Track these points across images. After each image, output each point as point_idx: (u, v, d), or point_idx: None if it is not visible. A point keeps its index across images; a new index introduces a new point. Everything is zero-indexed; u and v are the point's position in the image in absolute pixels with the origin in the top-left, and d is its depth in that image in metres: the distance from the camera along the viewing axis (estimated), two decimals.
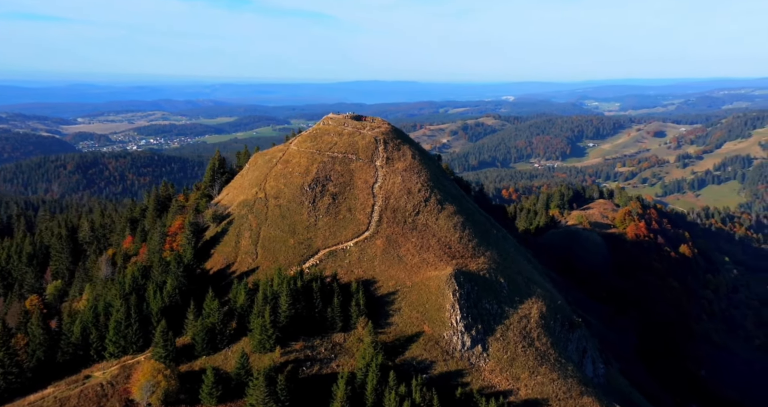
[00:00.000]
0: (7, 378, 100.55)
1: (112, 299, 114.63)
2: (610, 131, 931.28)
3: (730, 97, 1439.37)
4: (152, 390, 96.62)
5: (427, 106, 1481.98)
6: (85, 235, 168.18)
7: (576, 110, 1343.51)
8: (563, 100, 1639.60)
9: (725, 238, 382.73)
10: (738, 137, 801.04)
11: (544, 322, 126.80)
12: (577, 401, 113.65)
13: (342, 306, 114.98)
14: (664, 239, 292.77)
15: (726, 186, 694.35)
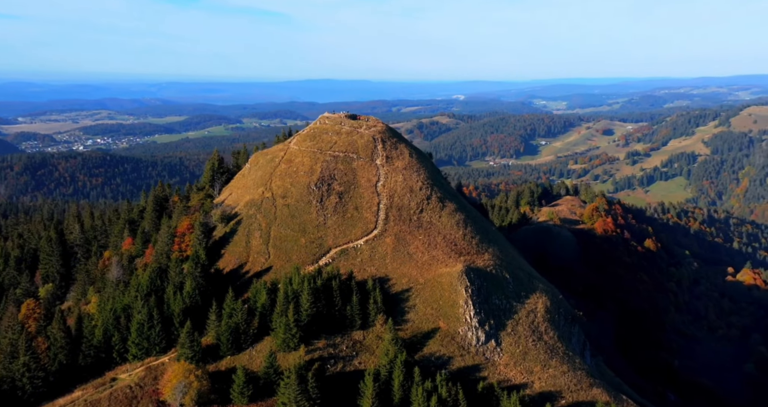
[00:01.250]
0: (33, 382, 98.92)
1: (130, 301, 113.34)
2: (561, 130, 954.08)
3: (671, 96, 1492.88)
4: (184, 390, 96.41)
5: (379, 105, 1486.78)
6: (75, 237, 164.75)
7: (526, 108, 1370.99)
8: (512, 99, 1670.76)
9: (682, 232, 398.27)
10: (682, 134, 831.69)
11: (549, 316, 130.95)
12: (587, 392, 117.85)
13: (360, 304, 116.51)
14: (630, 234, 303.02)
15: (673, 182, 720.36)
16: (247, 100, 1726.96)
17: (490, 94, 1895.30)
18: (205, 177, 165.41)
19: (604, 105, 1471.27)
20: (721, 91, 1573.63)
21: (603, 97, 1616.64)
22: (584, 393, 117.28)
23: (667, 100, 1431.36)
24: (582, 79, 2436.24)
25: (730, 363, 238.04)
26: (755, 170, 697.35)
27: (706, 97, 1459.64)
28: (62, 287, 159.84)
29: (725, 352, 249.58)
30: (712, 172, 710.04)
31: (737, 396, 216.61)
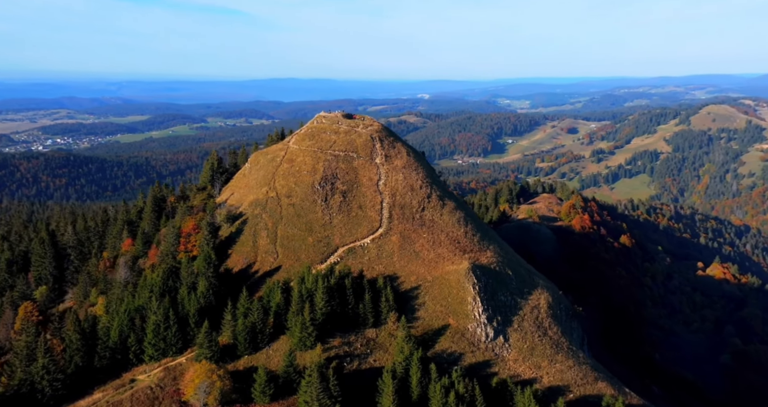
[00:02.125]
0: (53, 384, 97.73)
1: (144, 302, 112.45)
2: (526, 128, 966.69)
3: (631, 95, 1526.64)
4: (207, 390, 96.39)
5: (346, 104, 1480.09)
6: (69, 239, 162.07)
7: (490, 107, 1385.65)
8: (477, 98, 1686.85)
9: (652, 228, 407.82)
10: (645, 132, 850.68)
11: (552, 312, 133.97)
12: (593, 386, 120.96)
13: (372, 302, 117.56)
14: (606, 231, 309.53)
15: (637, 179, 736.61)
16: (211, 99, 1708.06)
17: (455, 93, 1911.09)
18: (204, 177, 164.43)
19: (566, 104, 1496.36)
20: (678, 90, 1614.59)
21: (565, 97, 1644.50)
22: (590, 387, 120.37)
23: (627, 99, 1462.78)
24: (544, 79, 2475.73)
25: (706, 355, 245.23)
26: (715, 167, 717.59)
27: (665, 96, 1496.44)
28: (55, 289, 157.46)
29: (701, 344, 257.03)
30: (674, 169, 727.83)
31: (716, 388, 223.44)
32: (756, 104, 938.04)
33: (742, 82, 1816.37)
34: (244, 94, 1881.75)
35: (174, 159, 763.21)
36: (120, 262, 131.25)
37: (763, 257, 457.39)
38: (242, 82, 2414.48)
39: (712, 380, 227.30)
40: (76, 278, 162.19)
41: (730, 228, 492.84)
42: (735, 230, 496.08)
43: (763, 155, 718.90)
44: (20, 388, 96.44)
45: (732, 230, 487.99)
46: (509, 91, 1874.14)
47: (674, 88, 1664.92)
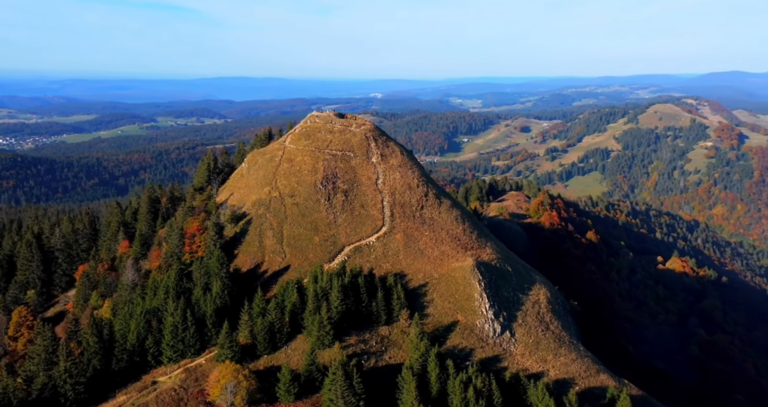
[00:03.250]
0: (75, 388, 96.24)
1: (159, 303, 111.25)
2: (481, 127, 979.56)
3: (578, 95, 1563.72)
4: (234, 390, 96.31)
5: (299, 103, 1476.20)
6: (56, 242, 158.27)
7: (443, 106, 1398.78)
8: (429, 98, 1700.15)
9: (611, 224, 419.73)
10: (595, 131, 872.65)
11: (551, 307, 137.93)
12: (596, 378, 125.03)
13: (385, 300, 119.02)
14: (573, 227, 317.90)
15: (590, 177, 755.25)
16: (160, 98, 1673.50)
17: (408, 92, 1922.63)
18: (199, 177, 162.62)
19: (517, 103, 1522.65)
20: (623, 90, 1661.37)
21: (515, 96, 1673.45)
22: (594, 379, 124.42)
23: (575, 99, 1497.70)
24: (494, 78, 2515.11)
25: (675, 346, 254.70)
26: (663, 165, 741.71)
27: (610, 95, 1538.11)
28: (43, 293, 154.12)
29: (668, 336, 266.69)
30: (624, 166, 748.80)
31: (686, 378, 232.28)
32: (698, 103, 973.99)
33: (682, 82, 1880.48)
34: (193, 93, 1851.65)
35: (127, 160, 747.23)
36: (127, 264, 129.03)
37: (713, 250, 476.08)
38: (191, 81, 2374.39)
39: (682, 370, 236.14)
40: (64, 282, 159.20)
41: (681, 223, 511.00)
42: (686, 225, 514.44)
43: (707, 153, 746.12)
44: (42, 392, 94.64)
45: (683, 225, 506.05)
46: (461, 91, 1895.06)
47: (619, 87, 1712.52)
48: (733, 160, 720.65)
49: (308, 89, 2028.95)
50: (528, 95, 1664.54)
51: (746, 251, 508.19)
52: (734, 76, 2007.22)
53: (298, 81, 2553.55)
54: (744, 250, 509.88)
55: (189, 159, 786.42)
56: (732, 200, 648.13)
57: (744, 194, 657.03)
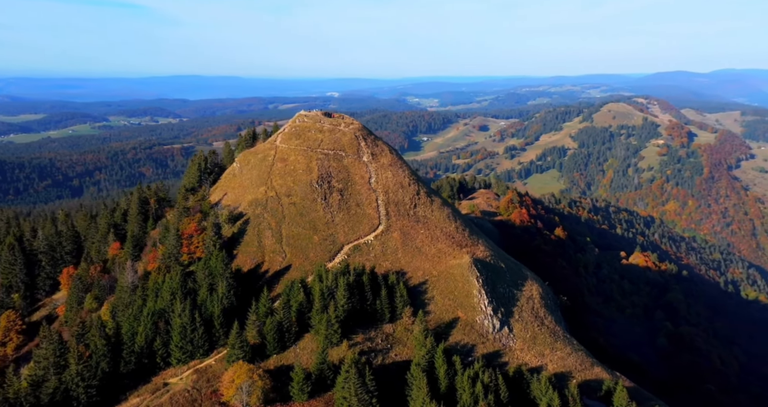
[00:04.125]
0: (88, 391, 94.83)
1: (165, 305, 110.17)
2: (440, 126, 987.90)
3: (533, 94, 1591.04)
4: (249, 390, 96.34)
5: (255, 102, 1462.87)
6: (39, 245, 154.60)
7: (401, 105, 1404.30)
8: (386, 97, 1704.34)
9: (574, 221, 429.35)
10: (552, 129, 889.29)
11: (544, 302, 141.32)
12: (591, 371, 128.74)
13: (388, 298, 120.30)
14: (542, 224, 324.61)
15: (548, 174, 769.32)
16: (111, 97, 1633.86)
17: (365, 91, 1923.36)
18: (190, 178, 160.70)
19: (473, 102, 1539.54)
20: (575, 89, 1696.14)
21: (471, 95, 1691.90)
22: (589, 372, 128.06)
23: (529, 98, 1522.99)
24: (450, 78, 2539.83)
25: (644, 339, 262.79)
26: (617, 162, 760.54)
27: (563, 94, 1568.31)
28: (27, 297, 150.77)
29: (637, 329, 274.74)
30: (581, 164, 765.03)
31: (657, 369, 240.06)
32: (648, 102, 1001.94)
33: (631, 82, 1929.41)
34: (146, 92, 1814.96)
35: (81, 160, 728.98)
36: (126, 266, 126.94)
37: (670, 245, 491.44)
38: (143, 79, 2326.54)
39: (652, 361, 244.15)
40: (48, 285, 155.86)
41: (639, 219, 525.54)
42: (643, 220, 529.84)
43: (659, 151, 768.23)
44: (54, 396, 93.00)
45: (641, 221, 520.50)
46: (418, 90, 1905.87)
47: (571, 87, 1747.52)
48: (684, 157, 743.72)
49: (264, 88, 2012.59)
50: (484, 94, 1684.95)
51: (699, 245, 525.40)
52: (680, 76, 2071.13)
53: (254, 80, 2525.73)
54: (697, 244, 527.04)
55: (146, 159, 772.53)
56: (684, 196, 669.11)
57: (695, 190, 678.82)
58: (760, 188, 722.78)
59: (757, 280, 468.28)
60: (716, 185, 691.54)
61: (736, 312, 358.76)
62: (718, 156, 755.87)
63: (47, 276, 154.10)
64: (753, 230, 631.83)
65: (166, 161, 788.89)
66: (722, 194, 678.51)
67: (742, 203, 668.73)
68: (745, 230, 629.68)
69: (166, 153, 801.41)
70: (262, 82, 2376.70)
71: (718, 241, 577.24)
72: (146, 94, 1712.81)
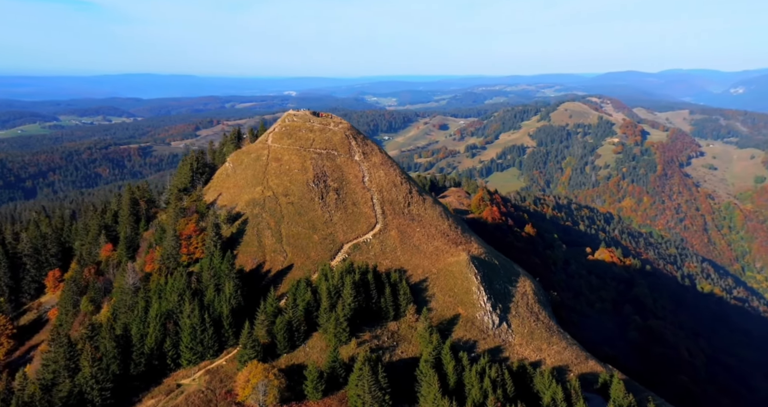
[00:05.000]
0: (102, 393, 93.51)
1: (173, 306, 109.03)
2: (401, 125, 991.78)
3: (489, 93, 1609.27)
4: (265, 390, 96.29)
5: (211, 101, 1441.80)
6: (23, 247, 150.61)
7: (360, 104, 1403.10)
8: (345, 96, 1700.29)
9: (540, 218, 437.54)
10: (511, 128, 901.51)
11: (537, 298, 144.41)
12: (586, 364, 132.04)
13: (392, 296, 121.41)
14: (512, 221, 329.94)
15: (508, 172, 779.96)
16: (61, 96, 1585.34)
17: (323, 90, 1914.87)
18: (182, 178, 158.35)
19: (431, 101, 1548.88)
20: (530, 88, 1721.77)
21: (429, 94, 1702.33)
22: (584, 366, 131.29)
23: (486, 97, 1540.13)
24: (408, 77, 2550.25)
25: (616, 333, 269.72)
26: (575, 160, 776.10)
27: (519, 93, 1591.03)
28: (12, 300, 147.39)
29: (608, 323, 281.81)
30: (539, 162, 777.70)
31: (630, 362, 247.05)
32: (601, 101, 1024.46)
33: (583, 81, 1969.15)
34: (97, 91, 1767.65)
35: (33, 161, 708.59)
36: (127, 268, 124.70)
37: (629, 241, 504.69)
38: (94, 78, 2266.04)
39: (625, 355, 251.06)
40: (33, 288, 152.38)
41: (599, 216, 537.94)
42: (603, 217, 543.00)
43: (615, 149, 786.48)
44: (69, 400, 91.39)
45: (601, 217, 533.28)
46: (376, 89, 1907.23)
47: (526, 86, 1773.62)
48: (638, 155, 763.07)
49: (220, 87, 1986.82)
50: (441, 93, 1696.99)
51: (656, 240, 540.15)
52: (631, 76, 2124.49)
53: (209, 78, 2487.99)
54: (654, 240, 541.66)
55: (103, 160, 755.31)
56: (639, 192, 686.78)
57: (649, 187, 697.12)
58: (710, 185, 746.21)
59: (710, 274, 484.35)
60: (669, 182, 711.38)
61: (696, 304, 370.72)
62: (670, 154, 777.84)
63: (32, 279, 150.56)
64: (704, 226, 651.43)
65: (123, 161, 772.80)
66: (675, 190, 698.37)
67: (694, 200, 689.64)
68: (697, 225, 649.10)
69: (123, 153, 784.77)
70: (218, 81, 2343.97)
71: (672, 236, 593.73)
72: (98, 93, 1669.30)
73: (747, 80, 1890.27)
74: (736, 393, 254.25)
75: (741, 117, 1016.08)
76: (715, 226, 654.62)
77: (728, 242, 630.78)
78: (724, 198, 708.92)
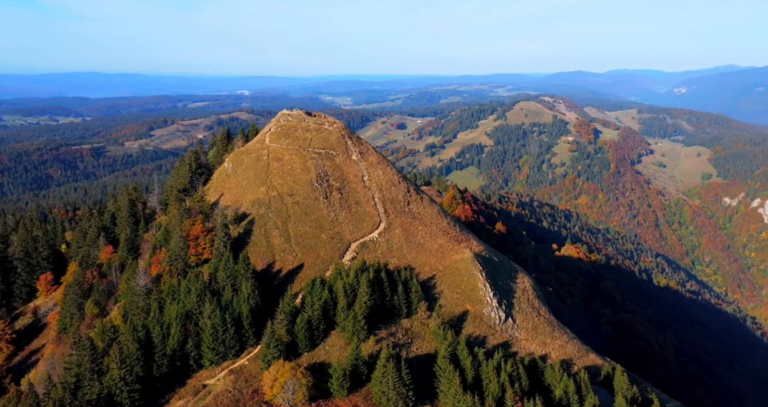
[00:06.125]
0: (131, 395, 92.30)
1: (192, 307, 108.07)
2: (359, 124, 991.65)
3: (443, 93, 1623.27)
4: (294, 389, 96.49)
5: (162, 100, 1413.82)
6: (14, 251, 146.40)
7: (315, 104, 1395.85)
8: (299, 95, 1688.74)
9: (506, 215, 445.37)
10: (468, 127, 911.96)
11: (536, 293, 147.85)
12: (587, 358, 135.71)
13: (405, 293, 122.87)
14: (484, 219, 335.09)
15: (467, 171, 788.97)
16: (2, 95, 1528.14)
17: (277, 89, 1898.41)
18: (181, 179, 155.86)
19: (387, 101, 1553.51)
20: (483, 88, 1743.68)
21: (384, 94, 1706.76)
22: (586, 359, 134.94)
23: (441, 96, 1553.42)
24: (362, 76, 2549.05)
25: (589, 327, 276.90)
26: (532, 159, 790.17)
27: (473, 93, 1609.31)
28: (3, 305, 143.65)
29: (581, 318, 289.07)
30: (498, 161, 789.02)
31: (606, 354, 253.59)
32: (554, 101, 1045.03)
33: (534, 81, 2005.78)
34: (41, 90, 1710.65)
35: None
36: (139, 269, 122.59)
37: (589, 237, 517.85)
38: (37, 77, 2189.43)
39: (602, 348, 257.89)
40: (25, 292, 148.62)
41: (559, 213, 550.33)
42: (563, 214, 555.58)
43: (570, 147, 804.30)
44: (98, 402, 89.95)
45: (561, 215, 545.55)
46: (330, 88, 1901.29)
47: (479, 86, 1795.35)
48: (592, 153, 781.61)
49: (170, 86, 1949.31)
50: (396, 93, 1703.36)
51: (613, 236, 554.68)
52: (579, 76, 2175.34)
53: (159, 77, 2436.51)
54: (611, 236, 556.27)
55: (54, 161, 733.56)
56: (594, 190, 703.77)
57: (604, 184, 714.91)
58: (660, 182, 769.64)
59: (665, 268, 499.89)
60: (622, 180, 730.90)
61: (658, 298, 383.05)
62: (622, 152, 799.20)
63: (24, 283, 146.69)
64: (656, 221, 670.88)
65: (76, 162, 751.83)
66: (628, 187, 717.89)
67: (646, 196, 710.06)
68: (649, 221, 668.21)
69: (75, 154, 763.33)
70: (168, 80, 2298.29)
71: (627, 232, 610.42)
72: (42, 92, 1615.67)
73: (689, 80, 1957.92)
74: (705, 382, 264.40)
75: (686, 116, 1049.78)
76: (666, 222, 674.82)
77: (679, 237, 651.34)
78: (673, 195, 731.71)
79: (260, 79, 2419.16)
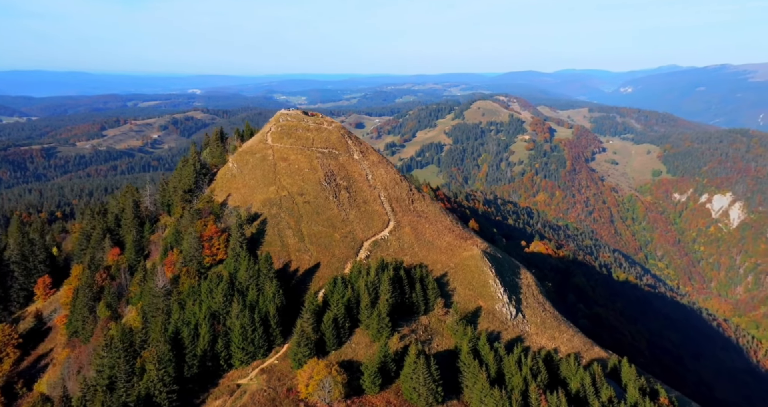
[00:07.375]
0: (169, 396, 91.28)
1: (219, 307, 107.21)
2: None
3: (398, 92, 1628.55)
4: (330, 387, 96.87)
5: (111, 99, 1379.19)
6: (11, 254, 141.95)
7: (269, 103, 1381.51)
8: (253, 94, 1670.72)
9: (474, 213, 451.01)
10: (426, 126, 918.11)
11: (539, 289, 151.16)
12: (592, 351, 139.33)
13: (422, 291, 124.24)
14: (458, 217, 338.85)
15: (427, 170, 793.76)
16: None
17: (229, 88, 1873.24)
18: (186, 179, 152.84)
19: (342, 100, 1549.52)
20: (437, 87, 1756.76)
21: (339, 93, 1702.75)
22: (592, 352, 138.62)
23: (396, 96, 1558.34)
24: (315, 75, 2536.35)
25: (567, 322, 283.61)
26: (490, 157, 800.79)
27: (427, 92, 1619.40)
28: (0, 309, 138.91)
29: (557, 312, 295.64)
30: (457, 159, 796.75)
31: None
32: (508, 100, 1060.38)
33: (486, 81, 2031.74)
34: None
35: None
36: (157, 271, 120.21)
37: (551, 233, 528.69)
38: None
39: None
40: (22, 296, 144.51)
41: (522, 210, 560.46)
42: (526, 211, 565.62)
43: (527, 145, 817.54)
44: (137, 403, 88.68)
45: (524, 212, 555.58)
46: (284, 87, 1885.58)
47: (433, 85, 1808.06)
48: (548, 151, 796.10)
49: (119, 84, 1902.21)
50: (351, 92, 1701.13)
51: (572, 232, 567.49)
52: (529, 76, 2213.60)
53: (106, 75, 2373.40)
54: (571, 232, 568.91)
55: (1, 162, 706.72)
56: (551, 187, 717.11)
57: (560, 182, 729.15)
58: (613, 179, 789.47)
59: (622, 263, 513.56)
60: (578, 177, 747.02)
61: (622, 292, 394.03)
62: (577, 150, 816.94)
63: (21, 287, 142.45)
64: (611, 217, 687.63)
65: (25, 163, 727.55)
66: (583, 184, 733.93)
67: (600, 193, 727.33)
68: (604, 217, 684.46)
69: (24, 155, 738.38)
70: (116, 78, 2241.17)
71: (584, 228, 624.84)
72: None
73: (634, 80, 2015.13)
74: (679, 373, 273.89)
75: (635, 115, 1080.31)
76: (620, 218, 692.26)
77: (632, 233, 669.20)
78: (626, 191, 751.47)
79: (212, 78, 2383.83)
